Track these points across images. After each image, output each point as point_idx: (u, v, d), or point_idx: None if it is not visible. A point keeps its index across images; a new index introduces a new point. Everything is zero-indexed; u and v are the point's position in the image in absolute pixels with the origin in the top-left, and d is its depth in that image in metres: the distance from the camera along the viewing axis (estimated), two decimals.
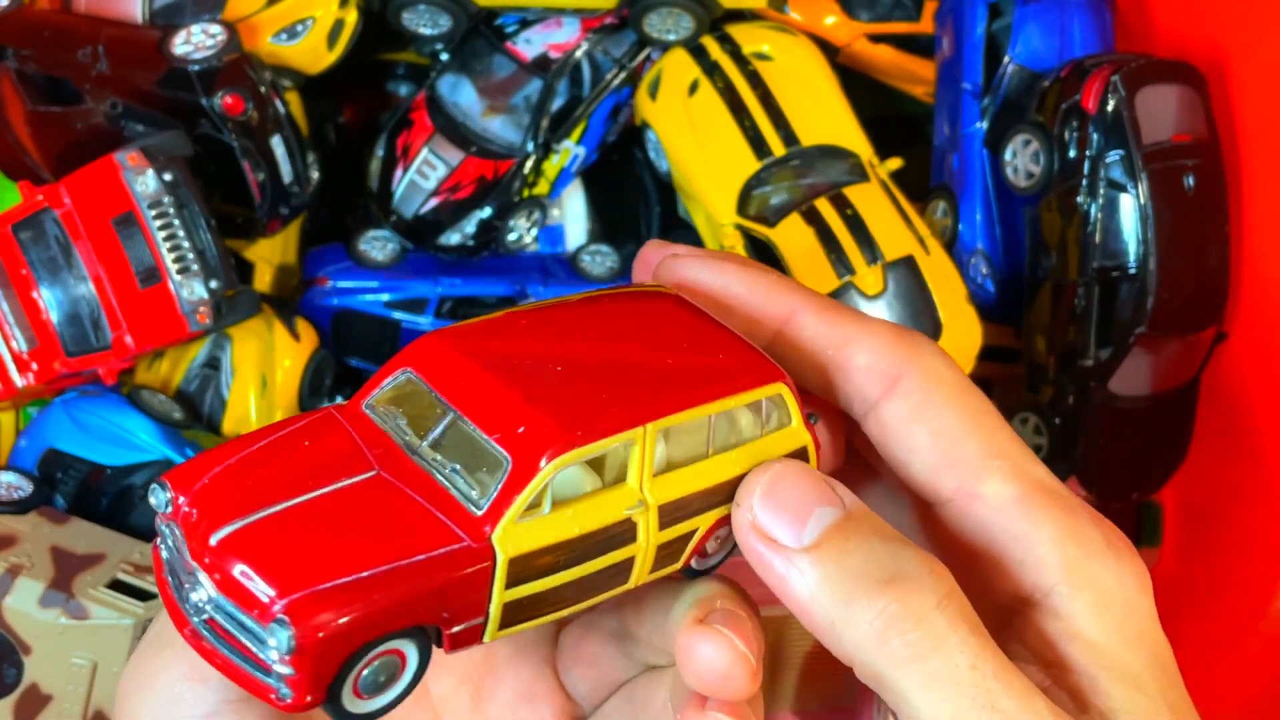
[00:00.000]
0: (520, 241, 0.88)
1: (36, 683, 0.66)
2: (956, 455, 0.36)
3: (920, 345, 0.38)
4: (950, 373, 0.38)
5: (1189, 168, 0.74)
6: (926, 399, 0.37)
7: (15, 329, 0.72)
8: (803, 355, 0.38)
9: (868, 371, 0.37)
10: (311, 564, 0.30)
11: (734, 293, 0.38)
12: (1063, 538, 0.35)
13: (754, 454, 0.35)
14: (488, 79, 0.87)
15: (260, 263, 0.86)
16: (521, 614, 0.32)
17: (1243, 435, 0.78)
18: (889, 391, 0.37)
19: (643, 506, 0.33)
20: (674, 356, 0.35)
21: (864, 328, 0.37)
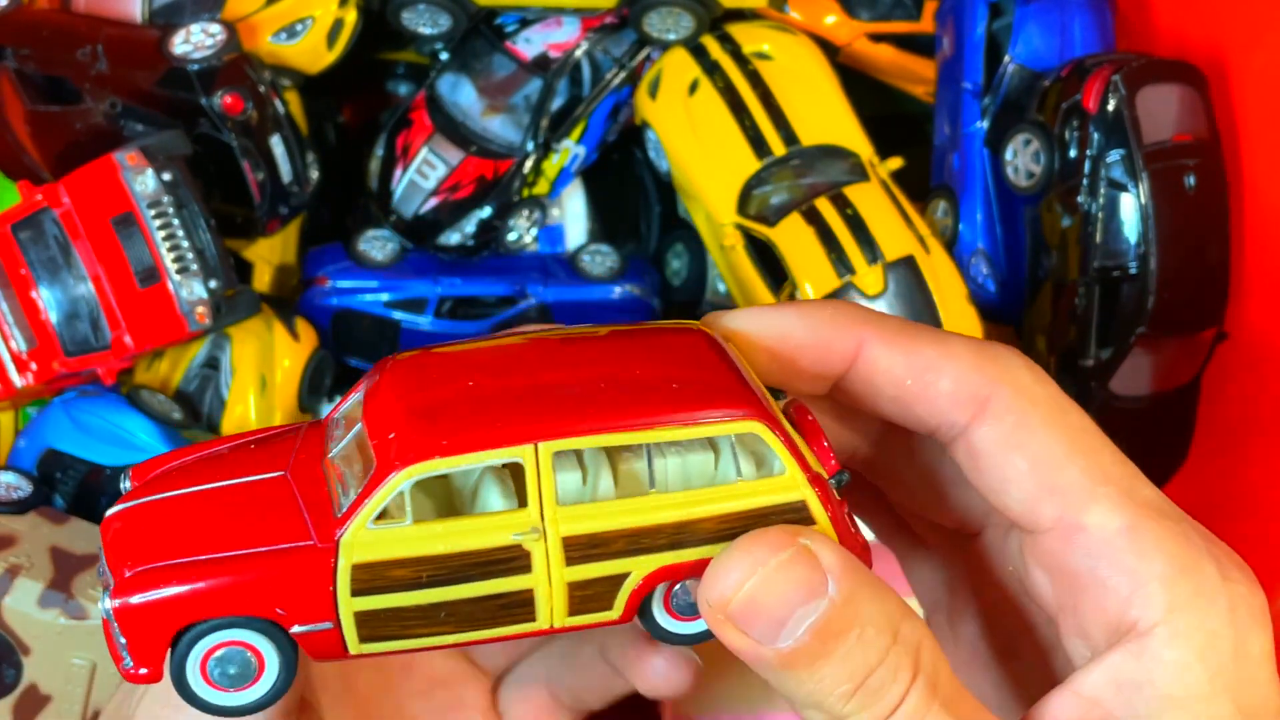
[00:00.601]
0: (520, 241, 0.88)
1: (35, 683, 0.65)
2: (1057, 482, 0.34)
3: (1007, 361, 0.35)
4: (1044, 389, 0.35)
5: (1190, 167, 0.74)
6: (1021, 421, 0.34)
7: (14, 329, 0.72)
8: (880, 387, 0.35)
9: (952, 397, 0.35)
10: (156, 545, 0.31)
11: (796, 340, 0.35)
12: (1174, 576, 0.33)
13: (721, 499, 0.32)
14: (487, 78, 0.87)
15: (260, 262, 0.86)
16: (385, 628, 0.31)
17: (1243, 435, 0.77)
18: (978, 416, 0.34)
19: (537, 534, 0.31)
20: (639, 387, 0.32)
21: (942, 350, 0.35)
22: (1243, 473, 0.77)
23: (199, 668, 0.31)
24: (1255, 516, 0.76)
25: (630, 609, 0.33)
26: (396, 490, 0.30)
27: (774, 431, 0.32)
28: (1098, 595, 0.34)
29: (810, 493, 0.32)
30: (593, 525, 0.31)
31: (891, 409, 0.36)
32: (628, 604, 0.32)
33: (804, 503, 0.32)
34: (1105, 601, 0.34)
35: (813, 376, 0.36)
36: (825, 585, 0.31)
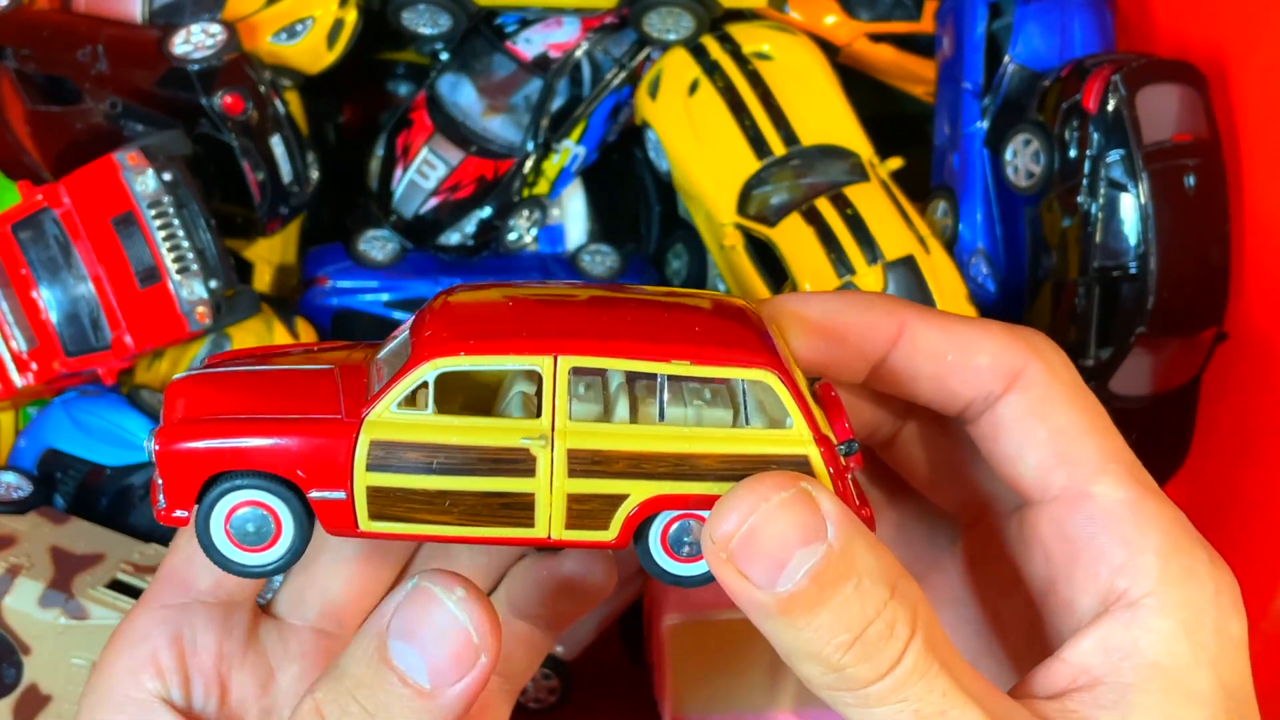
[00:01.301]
0: (520, 241, 0.88)
1: (36, 683, 0.65)
2: (1073, 453, 0.36)
3: (1038, 340, 0.38)
4: (1068, 371, 0.38)
5: (1190, 167, 0.74)
6: (1047, 394, 0.37)
7: (15, 329, 0.72)
8: (920, 365, 0.38)
9: (990, 370, 0.37)
10: (203, 403, 0.35)
11: (844, 319, 0.38)
12: (1170, 550, 0.35)
13: (725, 441, 0.33)
14: (488, 78, 0.87)
15: (260, 262, 0.86)
16: (393, 508, 0.33)
17: (1243, 435, 0.77)
18: (1010, 386, 0.37)
19: (544, 441, 0.33)
20: (667, 331, 0.34)
21: (980, 329, 0.38)
22: (1243, 473, 0.77)
23: (223, 521, 0.35)
24: (1255, 516, 0.76)
25: (625, 533, 0.34)
26: (422, 379, 0.33)
27: (785, 385, 0.33)
28: (1092, 562, 0.35)
29: (815, 450, 0.34)
30: (598, 443, 0.33)
31: (927, 387, 0.38)
32: (623, 527, 0.34)
33: (806, 458, 0.33)
34: (1099, 568, 0.35)
35: (857, 355, 0.38)
36: (824, 530, 0.32)
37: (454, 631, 0.32)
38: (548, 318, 0.34)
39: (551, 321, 0.34)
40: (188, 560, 0.40)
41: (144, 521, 0.74)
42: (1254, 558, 0.75)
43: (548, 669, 0.81)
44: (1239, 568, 0.80)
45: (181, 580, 0.39)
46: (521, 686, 0.45)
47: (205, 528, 0.35)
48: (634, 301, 0.36)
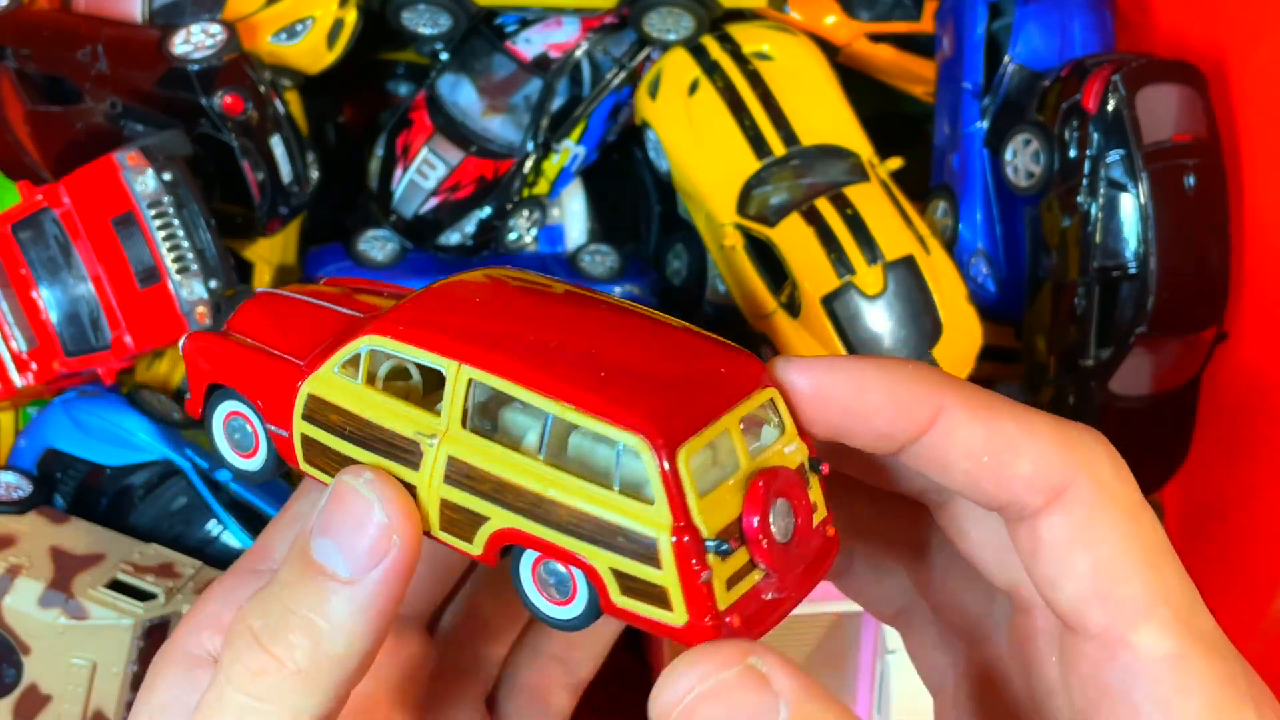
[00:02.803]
0: (520, 241, 0.88)
1: (36, 683, 0.65)
2: (1117, 591, 0.32)
3: (1091, 451, 0.33)
4: (1124, 488, 0.33)
5: (1189, 167, 0.74)
6: (1093, 519, 0.32)
7: (15, 329, 0.72)
8: (953, 459, 0.33)
9: (1029, 480, 0.32)
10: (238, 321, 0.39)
11: (872, 398, 0.33)
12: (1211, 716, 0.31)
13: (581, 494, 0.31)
14: (487, 78, 0.87)
15: (260, 262, 0.86)
16: (317, 459, 0.35)
17: (1243, 435, 0.77)
18: (1052, 503, 0.32)
19: (434, 442, 0.33)
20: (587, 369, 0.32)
21: (1026, 428, 0.33)
22: (1243, 473, 0.77)
23: (221, 424, 0.38)
24: (1255, 516, 0.76)
25: (490, 553, 0.33)
26: (355, 350, 0.34)
27: (658, 461, 0.30)
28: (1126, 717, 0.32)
29: (667, 540, 0.30)
30: (474, 458, 0.32)
31: (960, 481, 0.33)
32: (487, 546, 0.33)
33: (655, 543, 0.30)
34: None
35: (882, 436, 0.33)
36: (775, 710, 0.29)
37: (368, 518, 0.32)
38: (489, 325, 0.34)
39: (487, 328, 0.33)
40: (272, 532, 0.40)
41: (144, 521, 0.74)
42: (1255, 558, 0.75)
43: None
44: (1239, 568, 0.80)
45: (264, 549, 0.39)
46: (583, 678, 0.43)
47: (209, 426, 0.39)
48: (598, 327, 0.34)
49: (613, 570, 0.31)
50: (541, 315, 0.35)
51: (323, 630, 0.32)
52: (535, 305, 0.35)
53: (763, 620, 0.32)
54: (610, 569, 0.31)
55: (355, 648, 0.32)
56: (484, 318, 0.34)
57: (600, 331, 0.34)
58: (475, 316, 0.34)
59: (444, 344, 0.33)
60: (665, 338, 0.34)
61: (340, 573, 0.32)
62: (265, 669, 0.32)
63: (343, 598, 0.32)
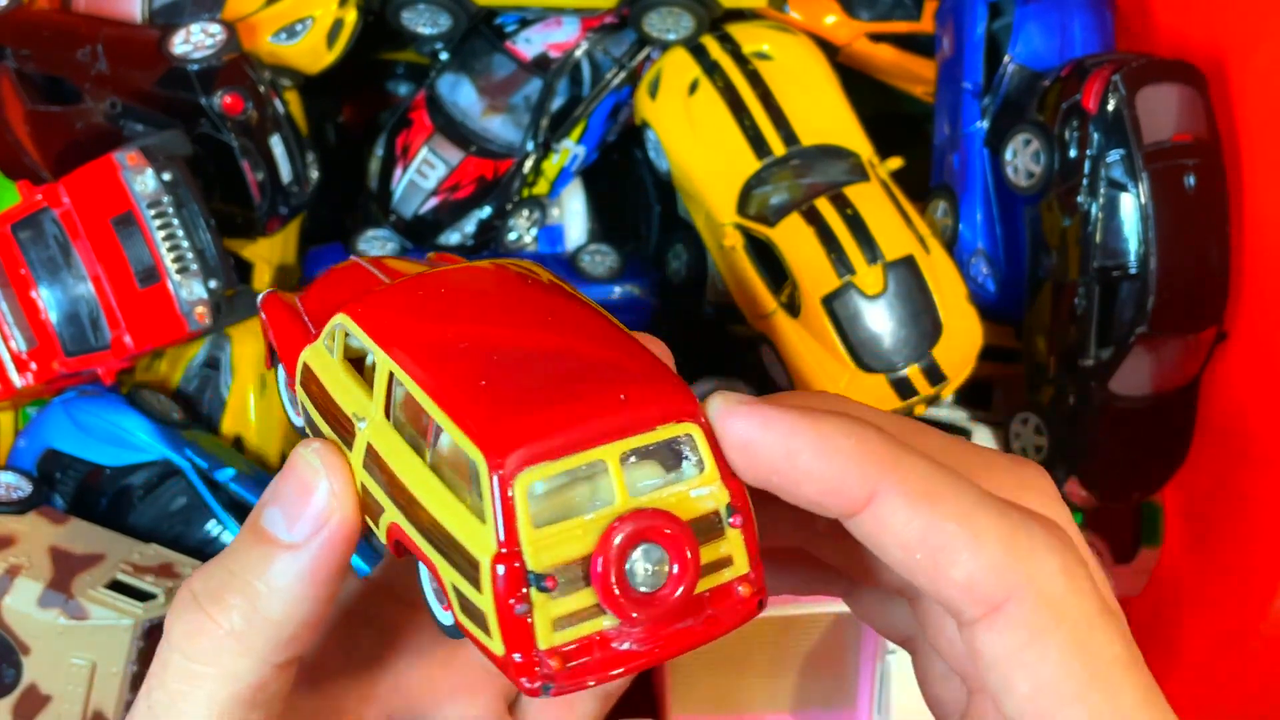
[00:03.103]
0: (520, 241, 0.88)
1: (35, 683, 0.65)
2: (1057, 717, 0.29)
3: (1039, 558, 0.29)
4: (1076, 600, 0.29)
5: (1190, 167, 0.74)
6: (1035, 638, 0.29)
7: (14, 329, 0.72)
8: (885, 545, 0.30)
9: (964, 590, 0.29)
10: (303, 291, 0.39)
11: (803, 467, 0.30)
12: None
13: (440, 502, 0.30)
14: (487, 78, 0.87)
15: (260, 262, 0.86)
16: (308, 425, 0.36)
17: (1243, 435, 0.77)
18: (989, 617, 0.29)
19: (362, 426, 0.33)
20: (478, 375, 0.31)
21: (967, 529, 0.29)
22: (1243, 473, 0.77)
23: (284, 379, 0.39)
24: (1255, 516, 0.76)
25: (391, 545, 0.32)
26: (331, 326, 0.35)
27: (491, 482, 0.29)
28: None
29: (487, 564, 0.29)
30: (380, 448, 0.32)
31: (896, 567, 0.31)
32: (388, 539, 0.32)
33: (477, 565, 0.29)
34: None
35: (813, 505, 0.31)
36: None
37: (313, 486, 0.32)
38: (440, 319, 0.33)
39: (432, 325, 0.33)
40: None
41: (144, 522, 0.74)
42: (1255, 558, 0.75)
43: None
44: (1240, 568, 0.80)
45: None
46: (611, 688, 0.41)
47: (277, 381, 0.40)
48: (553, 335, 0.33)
49: (454, 586, 0.30)
50: (495, 314, 0.34)
51: (260, 593, 0.32)
52: (500, 304, 0.34)
53: (599, 668, 0.29)
54: (452, 584, 0.30)
55: (291, 612, 0.32)
56: (441, 313, 0.34)
57: (535, 338, 0.32)
58: (433, 310, 0.34)
59: (381, 334, 0.33)
60: (594, 355, 0.32)
61: (283, 538, 0.32)
62: (202, 629, 0.32)
63: (283, 562, 0.32)
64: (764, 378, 0.84)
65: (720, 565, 0.31)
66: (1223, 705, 0.76)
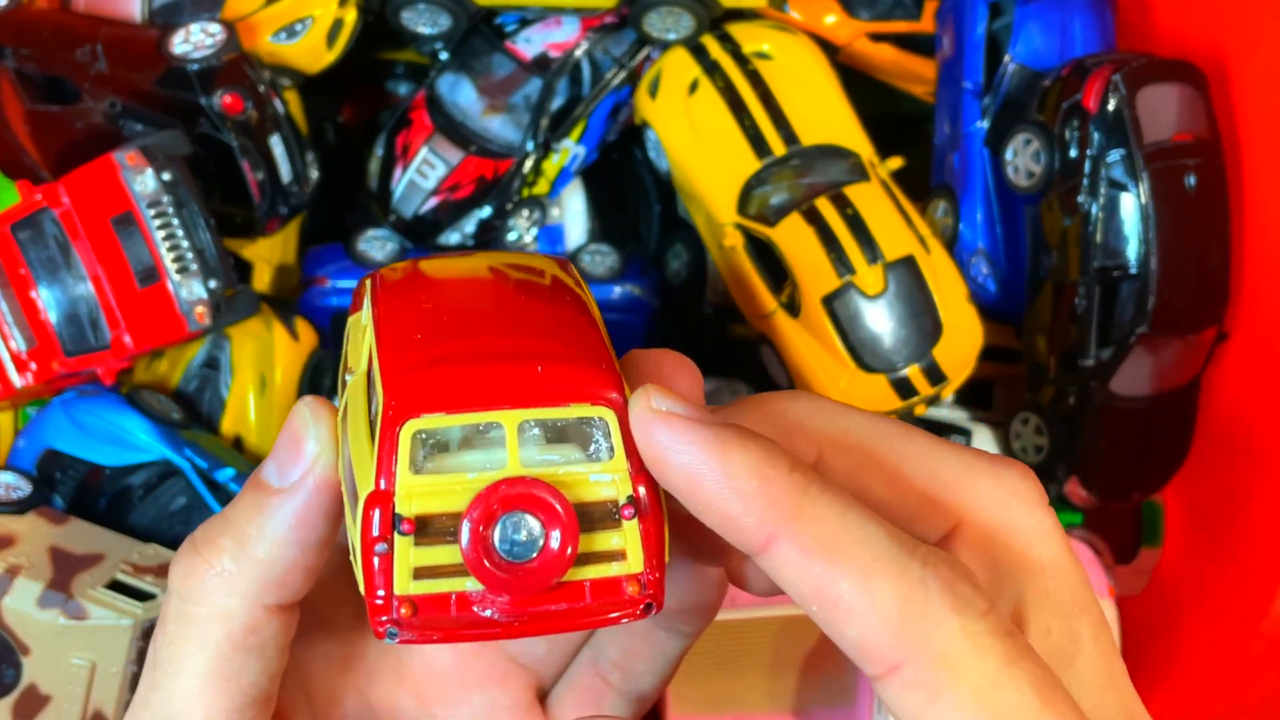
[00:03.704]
0: (520, 241, 0.88)
1: (35, 683, 0.65)
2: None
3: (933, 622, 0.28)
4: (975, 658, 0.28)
5: (1190, 167, 0.74)
6: (935, 699, 0.28)
7: (14, 329, 0.72)
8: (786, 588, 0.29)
9: (859, 647, 0.29)
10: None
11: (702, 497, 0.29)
12: None
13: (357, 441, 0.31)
14: (487, 78, 0.87)
15: (259, 262, 0.86)
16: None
17: (1244, 435, 0.77)
18: (888, 677, 0.28)
19: (349, 379, 0.33)
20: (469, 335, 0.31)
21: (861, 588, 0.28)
22: (1243, 473, 0.77)
23: None
24: (1255, 516, 0.76)
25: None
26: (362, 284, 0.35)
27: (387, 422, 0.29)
28: None
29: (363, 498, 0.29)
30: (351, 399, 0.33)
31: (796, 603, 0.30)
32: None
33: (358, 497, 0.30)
34: None
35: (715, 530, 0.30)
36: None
37: (304, 435, 0.33)
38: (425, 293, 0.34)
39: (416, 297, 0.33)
40: None
41: (144, 522, 0.74)
42: (1255, 558, 0.75)
43: None
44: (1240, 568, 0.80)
45: None
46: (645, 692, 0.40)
47: None
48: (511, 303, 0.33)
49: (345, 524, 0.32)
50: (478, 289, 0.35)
51: (250, 535, 0.33)
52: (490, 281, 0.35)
53: (456, 628, 0.29)
54: (346, 523, 0.32)
55: (279, 554, 0.33)
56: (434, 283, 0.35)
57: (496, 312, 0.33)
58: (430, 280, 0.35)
59: (379, 293, 0.33)
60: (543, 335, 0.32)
61: (275, 485, 0.33)
62: (194, 571, 0.33)
63: (272, 506, 0.33)
64: (764, 378, 0.84)
65: (609, 557, 0.30)
66: (1223, 705, 0.76)
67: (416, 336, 0.31)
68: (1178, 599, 0.82)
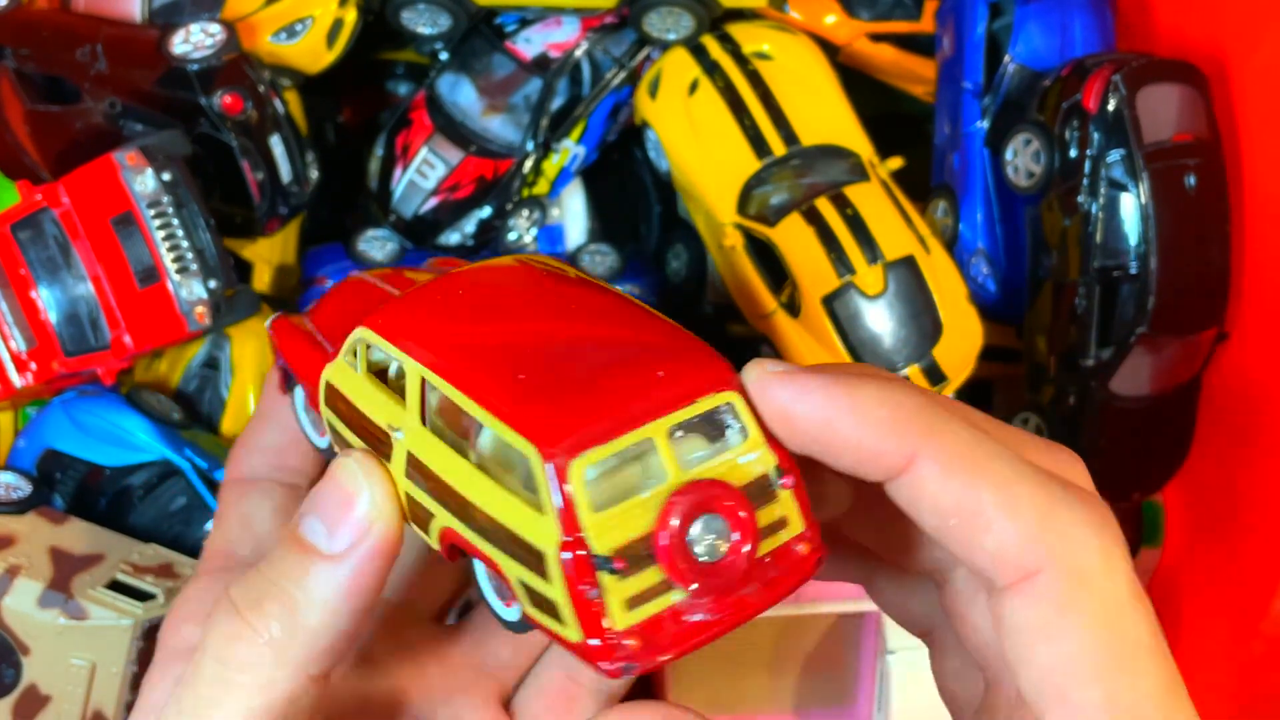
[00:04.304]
0: (520, 241, 0.88)
1: (35, 683, 0.65)
2: (1074, 695, 0.29)
3: (1077, 535, 0.29)
4: (1109, 581, 0.29)
5: (1190, 167, 0.74)
6: (1062, 612, 0.29)
7: (14, 329, 0.72)
8: (920, 509, 0.30)
9: (995, 558, 0.29)
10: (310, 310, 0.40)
11: (842, 434, 0.30)
12: None
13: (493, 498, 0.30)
14: (487, 78, 0.87)
15: (259, 262, 0.86)
16: (338, 443, 0.36)
17: (1244, 435, 0.77)
18: (1018, 586, 0.29)
19: (399, 436, 0.33)
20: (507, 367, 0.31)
21: (1006, 499, 0.29)
22: (1243, 473, 0.77)
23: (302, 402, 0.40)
24: (1255, 516, 0.76)
25: (445, 550, 0.33)
26: (353, 341, 0.34)
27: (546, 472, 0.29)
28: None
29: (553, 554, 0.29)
30: (423, 455, 0.32)
31: (927, 529, 0.31)
32: (441, 543, 0.33)
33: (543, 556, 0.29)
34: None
35: (851, 470, 0.31)
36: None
37: (356, 496, 0.32)
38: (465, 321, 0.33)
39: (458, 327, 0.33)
40: (226, 534, 0.40)
41: (144, 522, 0.74)
42: (1255, 558, 0.75)
43: None
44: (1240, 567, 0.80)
45: (222, 551, 0.40)
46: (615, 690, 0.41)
47: (292, 405, 0.40)
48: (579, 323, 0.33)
49: (520, 581, 0.30)
50: (521, 309, 0.34)
51: (299, 602, 0.31)
52: (523, 298, 0.35)
53: (679, 642, 0.30)
54: (518, 579, 0.30)
55: (331, 623, 0.32)
56: (464, 314, 0.34)
57: (563, 327, 0.33)
58: (456, 312, 0.34)
59: (407, 341, 0.33)
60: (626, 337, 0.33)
61: (324, 548, 0.32)
62: (240, 635, 0.32)
63: (323, 572, 0.31)
64: None
65: (777, 527, 0.31)
66: (1223, 705, 0.76)
67: (518, 376, 0.30)
68: (1178, 599, 0.82)
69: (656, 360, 0.31)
